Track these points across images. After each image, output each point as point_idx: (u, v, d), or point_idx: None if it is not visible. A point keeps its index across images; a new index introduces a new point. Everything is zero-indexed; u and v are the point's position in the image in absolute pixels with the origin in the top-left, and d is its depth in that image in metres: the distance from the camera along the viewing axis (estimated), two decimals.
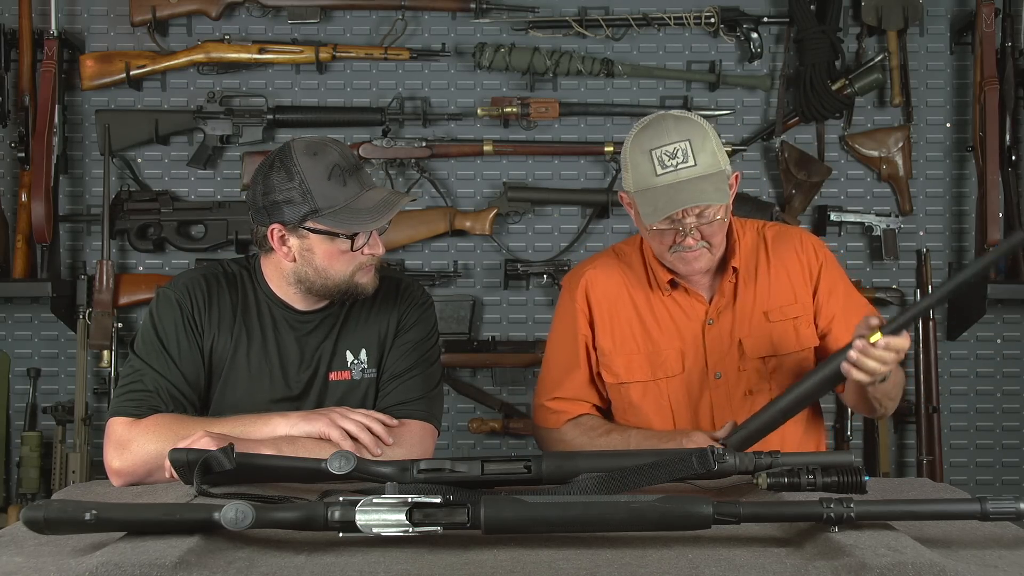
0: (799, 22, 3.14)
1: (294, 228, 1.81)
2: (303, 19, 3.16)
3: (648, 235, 1.98)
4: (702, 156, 1.88)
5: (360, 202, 1.81)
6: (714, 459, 1.44)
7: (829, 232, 3.22)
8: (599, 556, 1.21)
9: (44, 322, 3.23)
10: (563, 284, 2.15)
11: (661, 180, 1.88)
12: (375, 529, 1.22)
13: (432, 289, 3.21)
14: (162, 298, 1.90)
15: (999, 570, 1.19)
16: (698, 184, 1.87)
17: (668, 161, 1.88)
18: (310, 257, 1.83)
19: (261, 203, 1.82)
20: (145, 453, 1.71)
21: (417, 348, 1.97)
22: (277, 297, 1.92)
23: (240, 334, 1.89)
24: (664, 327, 2.05)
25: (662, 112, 1.98)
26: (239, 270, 1.95)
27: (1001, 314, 3.28)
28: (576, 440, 2.03)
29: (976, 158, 3.14)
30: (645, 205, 1.89)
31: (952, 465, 3.28)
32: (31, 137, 3.06)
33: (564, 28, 3.17)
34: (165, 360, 1.84)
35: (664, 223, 1.89)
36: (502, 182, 3.23)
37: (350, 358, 1.94)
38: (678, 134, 1.89)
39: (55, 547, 1.27)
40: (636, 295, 2.07)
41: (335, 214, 1.79)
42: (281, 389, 1.90)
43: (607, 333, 2.06)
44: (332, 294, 1.88)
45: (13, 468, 3.19)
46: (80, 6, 3.22)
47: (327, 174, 1.78)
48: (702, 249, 1.94)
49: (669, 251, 1.95)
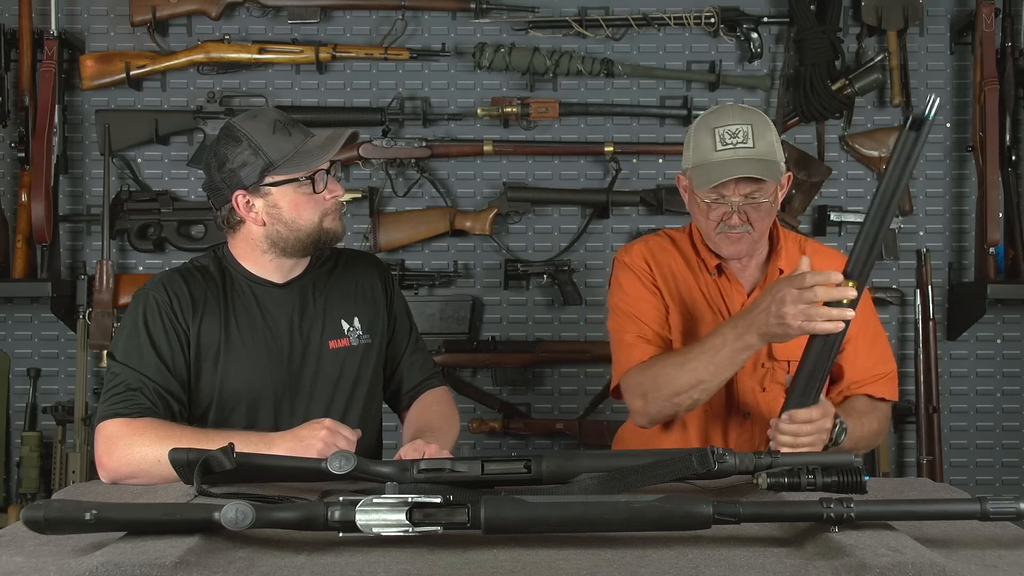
0: (799, 22, 3.15)
1: (256, 188, 1.87)
2: (303, 19, 3.16)
3: (698, 212, 2.04)
4: (761, 142, 1.96)
5: (308, 145, 1.89)
6: (714, 459, 1.43)
7: (829, 232, 3.23)
8: (599, 556, 1.21)
9: (44, 322, 3.24)
10: (618, 260, 2.17)
11: (719, 156, 1.96)
12: (375, 529, 1.22)
13: (432, 289, 3.22)
14: (140, 298, 1.91)
15: (999, 570, 1.19)
16: (753, 163, 1.94)
17: (729, 139, 1.96)
18: (277, 213, 1.89)
19: (219, 178, 1.88)
20: (130, 454, 1.72)
21: (407, 311, 2.15)
22: (253, 274, 1.96)
23: (228, 319, 1.92)
24: (703, 309, 2.09)
25: (729, 103, 2.08)
26: (208, 261, 1.99)
27: (1001, 314, 3.29)
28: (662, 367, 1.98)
29: (976, 158, 3.14)
30: (700, 176, 1.97)
31: (952, 465, 3.28)
32: (31, 137, 3.06)
33: (564, 28, 3.17)
34: (149, 359, 1.84)
35: (711, 194, 1.96)
36: (502, 182, 3.23)
37: (345, 326, 2.01)
38: (742, 118, 1.98)
39: (55, 547, 1.27)
40: (685, 273, 2.12)
41: (289, 161, 1.86)
42: (280, 363, 1.94)
43: (670, 295, 2.11)
44: (306, 246, 1.93)
45: (13, 468, 3.19)
46: (80, 6, 3.22)
47: (271, 129, 1.86)
48: (746, 231, 1.99)
49: (715, 230, 2.01)
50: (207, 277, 1.95)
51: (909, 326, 3.24)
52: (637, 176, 3.25)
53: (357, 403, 2.01)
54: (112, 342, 1.95)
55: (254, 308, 1.95)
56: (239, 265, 1.97)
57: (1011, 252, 3.13)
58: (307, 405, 1.95)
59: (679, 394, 1.92)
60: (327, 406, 1.96)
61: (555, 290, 3.23)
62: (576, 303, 3.22)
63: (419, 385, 2.13)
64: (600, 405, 3.25)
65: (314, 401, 1.96)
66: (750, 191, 1.96)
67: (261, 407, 1.92)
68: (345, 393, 1.99)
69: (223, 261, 1.99)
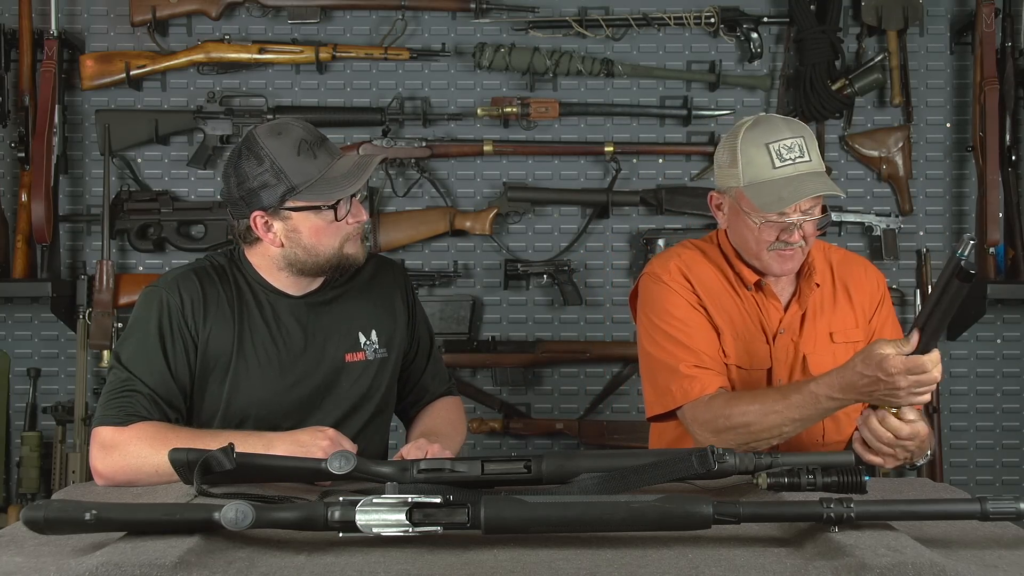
0: (799, 22, 3.14)
1: (275, 211, 1.80)
2: (303, 19, 3.16)
3: (749, 232, 1.95)
4: (813, 153, 1.92)
5: (334, 170, 1.81)
6: (714, 459, 1.43)
7: (829, 232, 3.22)
8: (599, 556, 1.21)
9: (44, 322, 3.23)
10: (653, 275, 2.04)
11: (780, 172, 1.89)
12: (375, 529, 1.22)
13: (432, 289, 3.21)
14: (151, 298, 1.85)
15: (999, 570, 1.19)
16: (818, 178, 1.90)
17: (787, 155, 1.90)
18: (297, 237, 1.83)
19: (237, 195, 1.81)
20: (124, 462, 1.70)
21: (427, 322, 2.12)
22: (269, 284, 1.90)
23: (242, 327, 1.87)
24: (752, 329, 2.02)
25: (763, 114, 2.01)
26: (227, 263, 1.93)
27: (1001, 314, 3.29)
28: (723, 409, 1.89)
29: (976, 158, 3.14)
30: (763, 196, 1.89)
31: (952, 465, 3.28)
32: (31, 137, 3.06)
33: (564, 28, 3.17)
34: (153, 366, 1.80)
35: (776, 215, 1.89)
36: (502, 182, 3.23)
37: (362, 339, 1.95)
38: (791, 131, 1.92)
39: (55, 547, 1.27)
40: (726, 289, 2.03)
41: (312, 187, 1.79)
42: (292, 376, 1.88)
43: (715, 312, 2.00)
44: (324, 270, 1.88)
45: (13, 468, 3.19)
46: (80, 6, 3.22)
47: (296, 151, 1.78)
48: (799, 248, 1.95)
49: (768, 248, 1.94)
50: (223, 279, 1.89)
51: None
52: (637, 176, 3.25)
53: (367, 418, 1.96)
54: (119, 341, 1.90)
55: (269, 319, 1.89)
56: (255, 273, 1.90)
57: (1011, 252, 3.13)
58: (317, 420, 1.87)
59: (758, 440, 1.84)
60: (336, 421, 1.89)
61: (555, 290, 3.23)
62: (576, 303, 3.22)
63: (434, 397, 2.11)
64: (600, 405, 3.25)
65: (325, 415, 1.89)
66: (809, 206, 1.90)
67: (269, 422, 1.85)
68: (357, 408, 1.94)
69: (239, 265, 1.92)
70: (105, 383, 1.84)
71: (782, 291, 2.04)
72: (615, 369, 3.23)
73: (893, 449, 1.73)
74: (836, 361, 1.86)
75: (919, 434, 1.73)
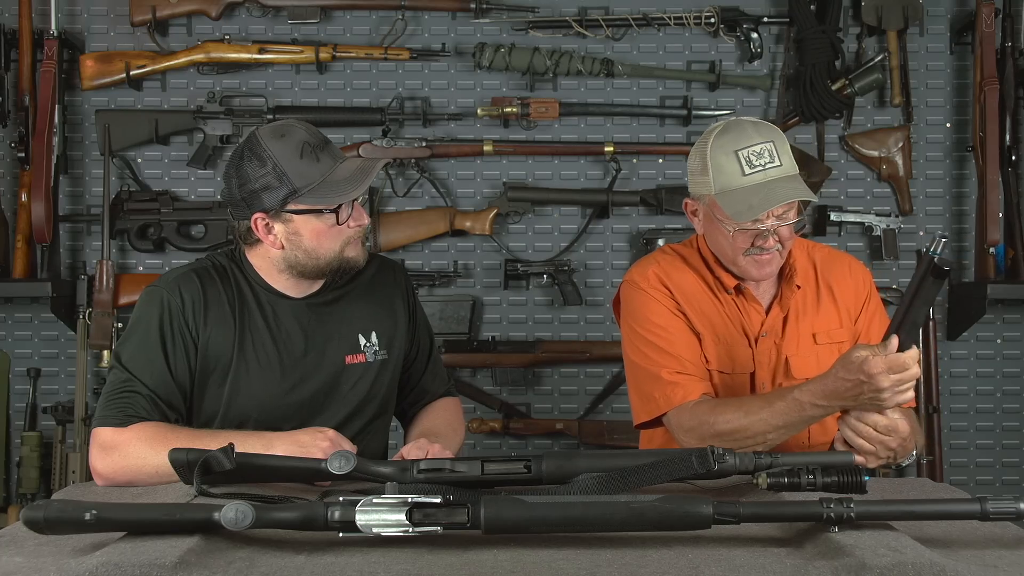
0: (799, 22, 3.15)
1: (277, 214, 1.80)
2: (303, 19, 3.16)
3: (723, 239, 1.94)
4: (784, 158, 1.89)
5: (337, 174, 1.80)
6: (714, 459, 1.43)
7: (829, 232, 3.22)
8: (599, 556, 1.21)
9: (44, 322, 3.23)
10: (632, 283, 2.05)
11: (749, 179, 1.87)
12: (375, 529, 1.22)
13: (432, 289, 3.21)
14: (152, 298, 1.85)
15: (999, 570, 1.19)
16: (788, 182, 1.88)
17: (756, 161, 1.87)
18: (298, 240, 1.82)
19: (239, 196, 1.81)
20: (124, 463, 1.70)
21: (427, 323, 2.12)
22: (270, 286, 1.90)
23: (243, 329, 1.86)
24: (733, 333, 2.01)
25: (734, 118, 1.98)
26: (228, 263, 1.92)
27: (1001, 314, 3.29)
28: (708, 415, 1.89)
29: (976, 158, 3.14)
30: (735, 204, 1.87)
31: (952, 465, 3.28)
32: (31, 137, 3.06)
33: (564, 28, 3.17)
34: (154, 367, 1.79)
35: (749, 223, 1.88)
36: (502, 182, 3.24)
37: (363, 341, 1.95)
38: (760, 136, 1.89)
39: (55, 547, 1.27)
40: (705, 294, 2.03)
41: (314, 190, 1.78)
42: (293, 378, 1.88)
43: (695, 317, 2.01)
44: (324, 273, 1.88)
45: (13, 468, 3.19)
46: (80, 6, 3.22)
47: (298, 153, 1.77)
48: (776, 252, 1.93)
49: (743, 254, 1.93)
50: (224, 280, 1.89)
51: None
52: (637, 176, 3.25)
53: (368, 420, 1.96)
54: (119, 341, 1.89)
55: (270, 320, 1.88)
56: (256, 274, 1.90)
57: (1011, 252, 3.13)
58: (319, 423, 1.85)
59: (743, 447, 1.81)
60: (338, 424, 1.88)
61: (555, 290, 3.23)
62: (576, 303, 3.22)
63: (434, 397, 2.11)
64: (600, 405, 3.25)
65: (324, 418, 1.89)
66: (783, 211, 1.89)
67: (270, 425, 1.84)
68: (358, 410, 1.94)
69: (241, 265, 1.91)
70: (105, 383, 1.84)
71: (763, 294, 2.04)
72: (615, 369, 3.22)
73: (874, 445, 1.73)
74: (819, 362, 1.85)
75: (898, 429, 1.73)
